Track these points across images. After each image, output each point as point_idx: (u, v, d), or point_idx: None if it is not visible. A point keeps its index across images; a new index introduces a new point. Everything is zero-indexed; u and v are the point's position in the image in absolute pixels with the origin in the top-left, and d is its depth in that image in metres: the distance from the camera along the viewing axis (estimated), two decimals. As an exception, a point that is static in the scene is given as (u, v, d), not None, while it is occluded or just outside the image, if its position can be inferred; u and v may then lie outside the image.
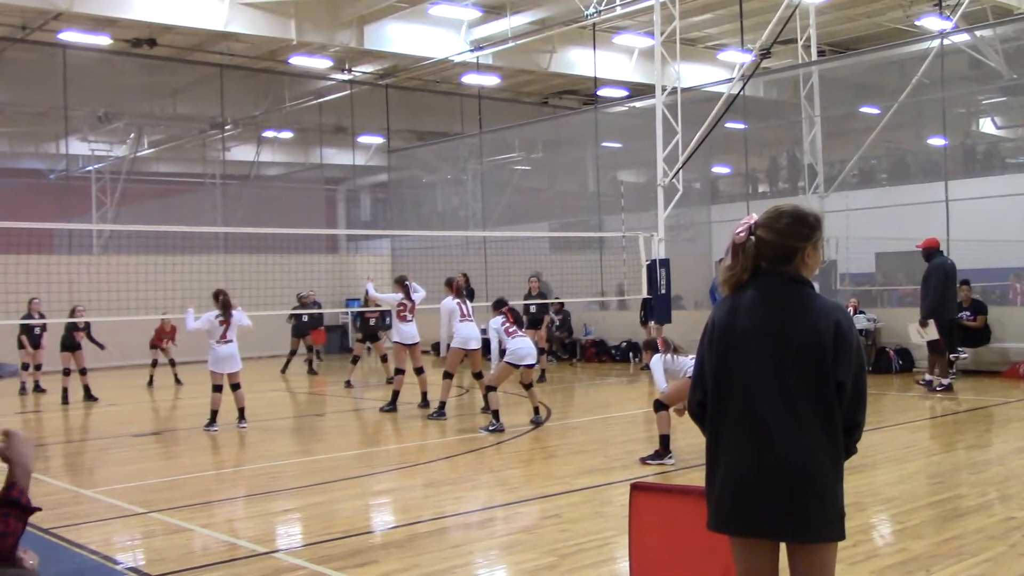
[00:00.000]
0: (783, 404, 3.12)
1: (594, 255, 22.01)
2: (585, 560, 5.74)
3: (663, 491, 4.45)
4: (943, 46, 17.94)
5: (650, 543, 4.18)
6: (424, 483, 8.44)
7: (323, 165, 29.61)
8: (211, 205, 28.05)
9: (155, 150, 28.76)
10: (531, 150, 27.62)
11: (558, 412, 13.03)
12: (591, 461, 9.17)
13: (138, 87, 25.60)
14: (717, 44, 25.51)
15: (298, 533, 6.93)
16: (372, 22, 22.24)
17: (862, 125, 21.47)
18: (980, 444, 10.11)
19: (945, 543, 5.90)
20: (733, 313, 3.26)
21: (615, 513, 6.60)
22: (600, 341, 20.79)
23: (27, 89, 24.04)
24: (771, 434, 3.12)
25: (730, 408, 3.21)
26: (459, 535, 6.57)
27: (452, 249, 23.75)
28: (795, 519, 3.10)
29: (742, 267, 3.29)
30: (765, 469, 3.11)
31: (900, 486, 7.64)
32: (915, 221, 18.22)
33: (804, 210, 3.34)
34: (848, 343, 3.15)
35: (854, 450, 3.26)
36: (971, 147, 22.56)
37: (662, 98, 17.49)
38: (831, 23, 22.89)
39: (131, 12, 19.75)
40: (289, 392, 17.43)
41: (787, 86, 23.89)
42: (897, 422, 11.07)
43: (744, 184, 24.21)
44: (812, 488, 3.09)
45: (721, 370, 3.24)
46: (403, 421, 12.56)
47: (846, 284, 20.57)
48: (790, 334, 3.16)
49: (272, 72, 26.23)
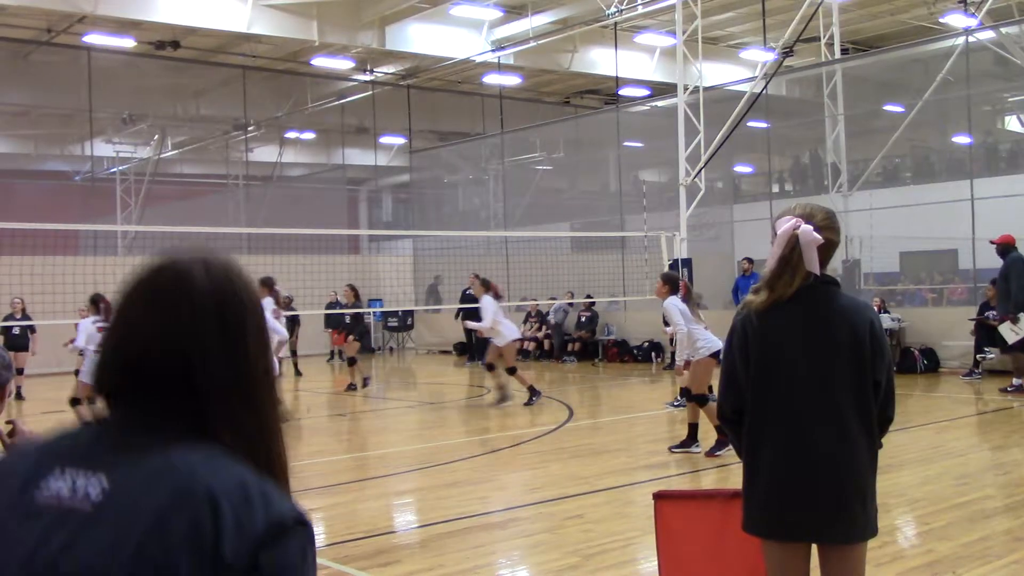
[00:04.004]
0: (826, 406, 3.12)
1: (616, 255, 21.97)
2: (608, 561, 5.73)
3: (687, 497, 4.42)
4: (968, 43, 17.78)
5: (677, 551, 4.16)
6: (447, 483, 8.44)
7: (345, 166, 29.70)
8: (234, 206, 28.21)
9: (179, 151, 28.96)
10: (552, 150, 27.59)
11: (581, 412, 13.02)
12: (614, 461, 9.15)
13: (162, 89, 25.77)
14: (739, 43, 25.40)
15: (321, 533, 6.95)
16: (394, 23, 22.29)
17: (886, 123, 21.32)
18: (1007, 445, 10.01)
19: (972, 545, 5.85)
20: (770, 317, 3.19)
21: (638, 514, 6.58)
22: (622, 341, 20.75)
23: (52, 91, 24.25)
24: (815, 437, 3.11)
25: (772, 413, 3.18)
26: (482, 535, 6.57)
27: (473, 249, 23.76)
28: (840, 521, 3.11)
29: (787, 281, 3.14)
30: (812, 474, 3.11)
31: (926, 487, 7.58)
32: (940, 220, 18.09)
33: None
34: (883, 343, 3.17)
35: (880, 444, 3.26)
36: (996, 145, 22.36)
37: (684, 97, 17.43)
38: (854, 21, 22.75)
39: (155, 14, 19.88)
40: (310, 392, 17.49)
41: (810, 84, 23.75)
42: (922, 422, 10.99)
43: (767, 183, 24.10)
44: (856, 490, 3.11)
45: (761, 375, 3.20)
46: (425, 421, 12.58)
47: (870, 283, 20.43)
48: (829, 336, 3.14)
49: (294, 73, 26.34)
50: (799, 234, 3.13)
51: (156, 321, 1.30)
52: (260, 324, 1.37)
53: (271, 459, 1.32)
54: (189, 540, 1.16)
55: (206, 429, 1.28)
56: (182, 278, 1.32)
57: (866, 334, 3.12)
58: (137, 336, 1.31)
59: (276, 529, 1.20)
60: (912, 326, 16.69)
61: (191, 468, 1.22)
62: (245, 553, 1.17)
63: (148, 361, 1.29)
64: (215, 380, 1.29)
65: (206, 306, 1.31)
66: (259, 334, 1.36)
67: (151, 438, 1.26)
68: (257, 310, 1.37)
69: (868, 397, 3.13)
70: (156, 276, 1.34)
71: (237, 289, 1.35)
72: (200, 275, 1.33)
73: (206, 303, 1.31)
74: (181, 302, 1.30)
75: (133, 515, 1.19)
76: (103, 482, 1.23)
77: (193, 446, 1.25)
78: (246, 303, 1.35)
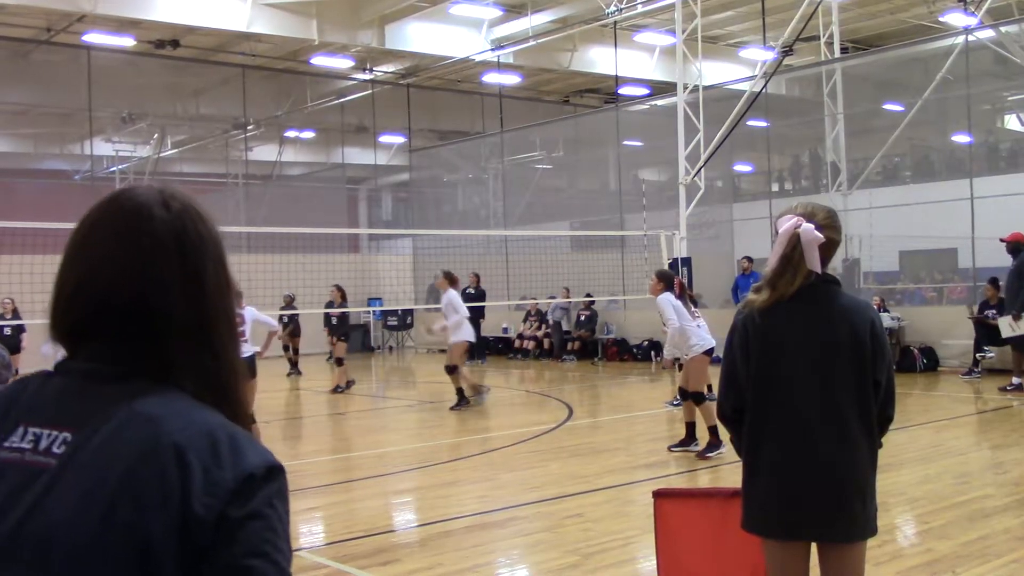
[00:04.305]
0: (827, 406, 3.13)
1: (615, 254, 21.96)
2: (608, 560, 5.73)
3: (686, 495, 4.43)
4: (968, 42, 17.78)
5: (677, 549, 4.16)
6: (446, 482, 8.44)
7: (345, 165, 29.68)
8: (234, 205, 28.19)
9: (178, 150, 28.94)
10: (552, 149, 27.58)
11: (580, 411, 13.02)
12: (613, 460, 9.15)
13: (161, 88, 25.76)
14: (739, 42, 25.40)
15: (320, 532, 6.95)
16: (393, 22, 22.28)
17: (885, 122, 21.30)
18: (1006, 444, 10.01)
19: (971, 544, 5.85)
20: (771, 315, 3.19)
21: (638, 512, 6.59)
22: (622, 340, 20.75)
23: (52, 90, 24.23)
24: (816, 437, 3.12)
25: (772, 412, 3.19)
26: (481, 534, 6.57)
27: (473, 248, 23.75)
28: (841, 521, 3.12)
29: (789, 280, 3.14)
30: (811, 473, 3.12)
31: (925, 486, 7.59)
32: (939, 219, 18.09)
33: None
34: (883, 342, 3.17)
35: (880, 443, 3.26)
36: (996, 144, 22.35)
37: (683, 96, 17.42)
38: (854, 20, 22.74)
39: (154, 13, 19.87)
40: (309, 391, 17.49)
41: (810, 83, 23.74)
42: (922, 421, 10.99)
43: (766, 182, 24.09)
44: (856, 489, 3.12)
45: (762, 374, 3.20)
46: (425, 420, 12.58)
47: (870, 282, 20.42)
48: (831, 336, 3.15)
49: (294, 72, 26.33)
50: (800, 233, 3.13)
51: (115, 256, 1.26)
52: (219, 260, 1.32)
53: (233, 402, 1.29)
54: (158, 497, 1.14)
55: (169, 375, 1.25)
56: (141, 211, 1.29)
57: (867, 333, 3.13)
58: (98, 273, 1.27)
59: (245, 481, 1.18)
60: (912, 325, 16.70)
61: (157, 421, 1.19)
62: (216, 507, 1.15)
63: (108, 300, 1.25)
64: (174, 318, 1.25)
65: (165, 239, 1.27)
66: (218, 270, 1.31)
67: (115, 388, 1.23)
68: (217, 246, 1.33)
69: (868, 396, 3.14)
70: (114, 210, 1.31)
71: (196, 223, 1.31)
72: (159, 208, 1.29)
73: (165, 236, 1.27)
74: (141, 235, 1.27)
75: (100, 472, 1.16)
76: (68, 437, 1.20)
77: (158, 395, 1.22)
78: (205, 237, 1.31)
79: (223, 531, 1.15)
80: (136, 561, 1.14)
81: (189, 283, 1.27)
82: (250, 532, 1.17)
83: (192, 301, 1.27)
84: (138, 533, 1.14)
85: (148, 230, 1.27)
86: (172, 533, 1.14)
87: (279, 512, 1.21)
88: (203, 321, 1.28)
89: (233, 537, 1.16)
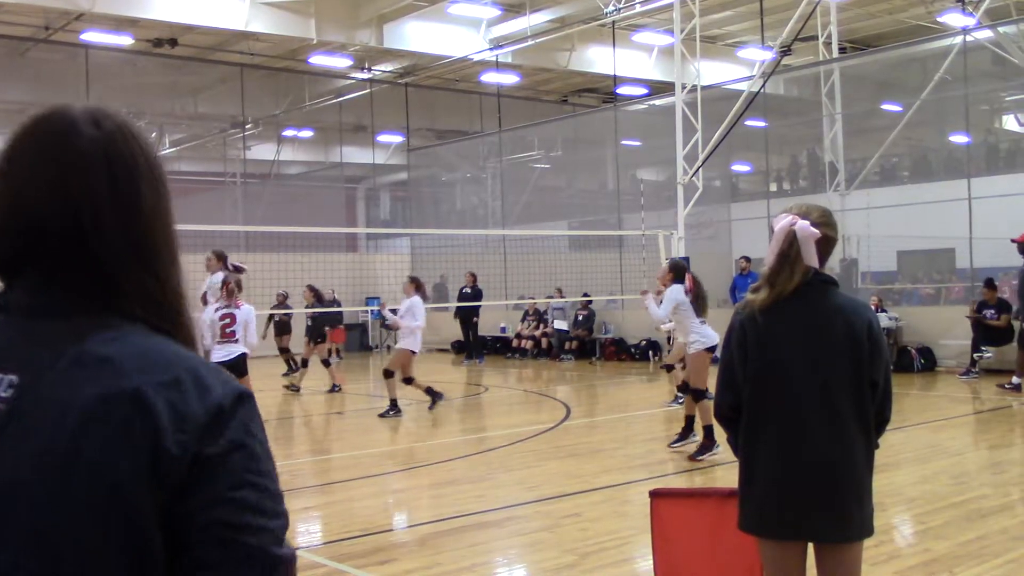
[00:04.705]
0: (823, 406, 3.13)
1: (613, 253, 21.97)
2: (605, 559, 5.73)
3: (683, 495, 4.44)
4: (966, 42, 17.80)
5: (673, 549, 4.17)
6: (443, 481, 8.44)
7: (343, 164, 29.68)
8: (232, 204, 28.18)
9: (176, 149, 28.92)
10: (550, 148, 27.60)
11: (578, 411, 13.02)
12: (611, 460, 9.16)
13: (159, 87, 25.74)
14: (737, 41, 25.41)
15: (318, 531, 6.95)
16: (391, 21, 22.28)
17: (883, 122, 21.33)
18: (1003, 444, 10.03)
19: (968, 544, 5.86)
20: (770, 315, 3.19)
21: (635, 512, 6.59)
22: (620, 340, 20.76)
23: (49, 89, 24.18)
24: (813, 437, 3.12)
25: (769, 411, 3.19)
26: (479, 534, 6.57)
27: (471, 248, 23.75)
28: (837, 521, 3.12)
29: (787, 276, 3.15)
30: (808, 473, 3.12)
31: (922, 486, 7.59)
32: (937, 219, 18.10)
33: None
34: (881, 343, 3.18)
35: (877, 444, 3.27)
36: (994, 144, 22.38)
37: (682, 96, 17.43)
38: (852, 20, 22.75)
39: (152, 12, 19.86)
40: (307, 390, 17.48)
41: (808, 83, 23.75)
42: (919, 421, 11.00)
43: (764, 182, 24.11)
44: (852, 490, 3.12)
45: (759, 374, 3.20)
46: (422, 419, 12.58)
47: (867, 282, 20.44)
48: (828, 336, 3.15)
49: (292, 71, 26.32)
50: (796, 230, 3.14)
51: (41, 176, 1.19)
52: (156, 181, 1.25)
53: (183, 327, 1.24)
54: (122, 439, 1.09)
55: (114, 303, 1.19)
56: (69, 127, 1.22)
57: (864, 334, 3.13)
58: (24, 196, 1.20)
59: (216, 413, 1.14)
60: (909, 325, 16.71)
61: (113, 362, 1.13)
62: (189, 444, 1.11)
63: (38, 224, 1.18)
64: (109, 240, 1.19)
65: (93, 157, 1.20)
66: (156, 191, 1.24)
67: (61, 324, 1.17)
68: (152, 167, 1.25)
69: (865, 397, 3.14)
70: (41, 126, 1.24)
71: (130, 141, 1.23)
72: (88, 125, 1.22)
73: (94, 154, 1.20)
74: (68, 153, 1.20)
75: (56, 418, 1.10)
76: (15, 380, 1.14)
77: (109, 330, 1.16)
78: (139, 157, 1.23)
79: (204, 468, 1.11)
80: (105, 506, 1.08)
81: (122, 203, 1.20)
82: (232, 464, 1.13)
83: (127, 222, 1.20)
84: (105, 477, 1.08)
85: (75, 147, 1.20)
86: (143, 474, 1.09)
87: (258, 437, 1.17)
88: (141, 243, 1.21)
89: (215, 473, 1.12)
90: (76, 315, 1.18)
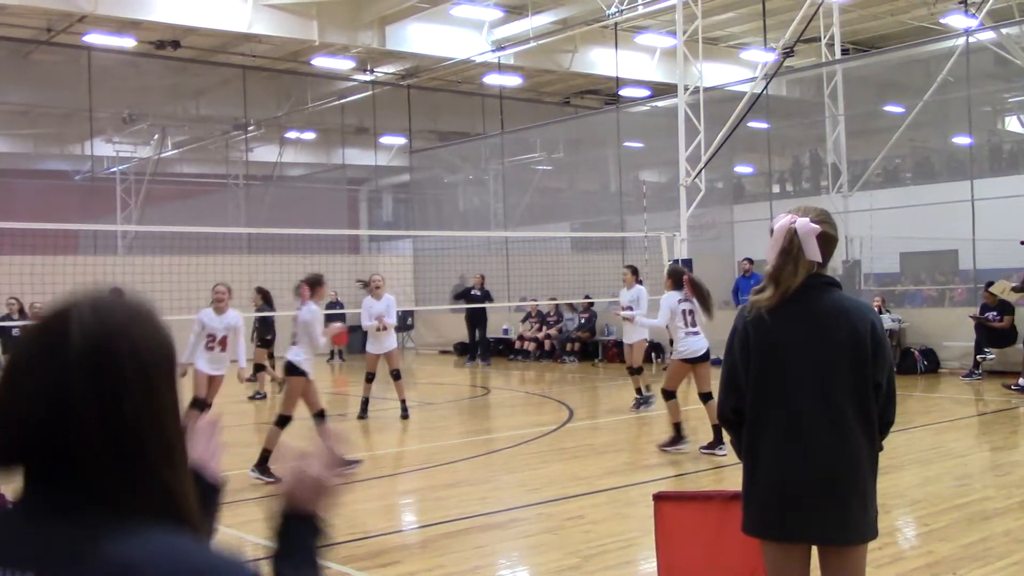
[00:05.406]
0: (827, 408, 3.12)
1: (616, 255, 21.96)
2: (608, 561, 5.73)
3: (686, 498, 4.43)
4: (968, 44, 17.78)
5: (677, 551, 4.16)
6: (447, 483, 8.44)
7: (345, 166, 29.71)
8: (234, 206, 28.22)
9: (179, 151, 28.96)
10: (552, 150, 27.59)
11: (581, 413, 13.01)
12: (614, 462, 9.15)
13: (162, 88, 25.78)
14: (739, 43, 25.40)
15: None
16: (394, 23, 22.28)
17: (886, 124, 21.31)
18: (1006, 446, 10.02)
19: (971, 546, 5.85)
20: (772, 317, 3.18)
21: (638, 514, 6.58)
22: (622, 341, 20.70)
23: (52, 91, 24.25)
24: (816, 440, 3.11)
25: (772, 414, 3.18)
26: (482, 536, 6.57)
27: (474, 249, 23.74)
28: (840, 523, 3.11)
29: (791, 272, 3.14)
30: (811, 475, 3.11)
31: (926, 488, 7.58)
32: (940, 221, 18.09)
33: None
34: (884, 345, 3.17)
35: (881, 446, 3.26)
36: (997, 146, 22.37)
37: (684, 97, 17.43)
38: (855, 21, 22.75)
39: (155, 14, 19.86)
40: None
41: (810, 85, 23.74)
42: (922, 423, 10.98)
43: (767, 184, 24.09)
44: (856, 492, 3.11)
45: (762, 375, 3.19)
46: (425, 421, 12.57)
47: (870, 284, 20.42)
48: (831, 338, 3.14)
49: (294, 73, 26.33)
50: (796, 227, 3.15)
51: (33, 377, 1.19)
52: (144, 386, 1.22)
53: (190, 522, 1.24)
54: None
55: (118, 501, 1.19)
56: (60, 326, 1.20)
57: (867, 336, 3.12)
58: (19, 396, 1.20)
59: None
60: (912, 327, 16.69)
61: (125, 564, 1.13)
62: None
63: (35, 424, 1.19)
64: (90, 441, 1.18)
65: (79, 366, 1.18)
66: (144, 388, 1.22)
67: (73, 523, 1.17)
68: (141, 370, 1.22)
69: (869, 399, 3.13)
70: (39, 325, 1.24)
71: (120, 342, 1.21)
72: (77, 320, 1.20)
73: (79, 364, 1.18)
74: (54, 362, 1.19)
75: None
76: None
77: (123, 533, 1.16)
78: (126, 358, 1.20)
79: None
80: None
81: (104, 406, 1.19)
82: None
83: (107, 423, 1.18)
84: None
85: (59, 360, 1.19)
86: None
87: None
88: (128, 451, 1.19)
89: None
90: (86, 513, 1.19)
